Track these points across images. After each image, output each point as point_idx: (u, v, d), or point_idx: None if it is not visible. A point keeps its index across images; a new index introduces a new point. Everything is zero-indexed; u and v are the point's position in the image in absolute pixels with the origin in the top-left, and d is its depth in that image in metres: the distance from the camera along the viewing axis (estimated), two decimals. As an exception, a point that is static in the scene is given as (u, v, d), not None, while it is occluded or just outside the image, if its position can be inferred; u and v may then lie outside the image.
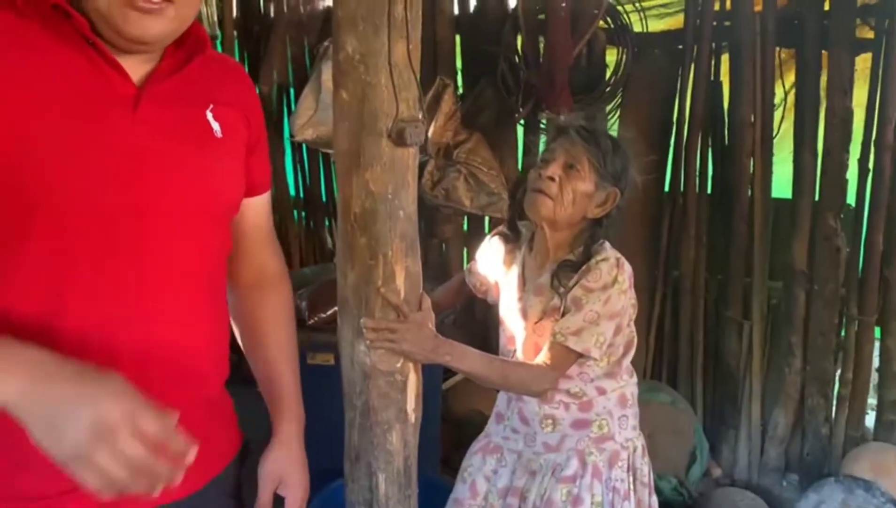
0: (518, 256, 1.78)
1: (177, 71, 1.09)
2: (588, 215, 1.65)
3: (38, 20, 0.98)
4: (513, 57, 2.85)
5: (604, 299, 1.60)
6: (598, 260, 1.61)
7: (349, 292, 1.48)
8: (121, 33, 0.99)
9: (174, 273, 1.10)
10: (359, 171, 1.41)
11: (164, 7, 0.99)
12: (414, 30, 1.38)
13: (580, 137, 1.62)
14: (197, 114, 1.13)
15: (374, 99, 1.37)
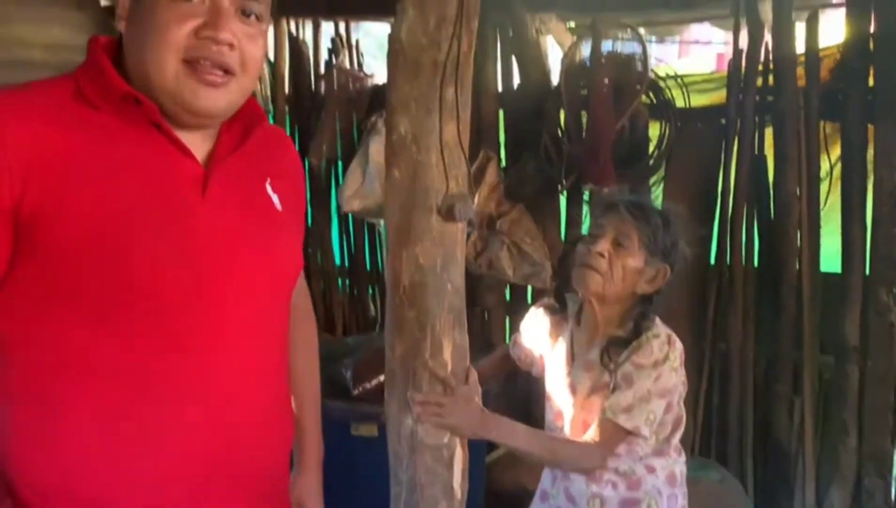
0: (565, 329, 1.78)
1: (237, 147, 1.13)
2: (638, 291, 1.65)
3: (110, 110, 1.02)
4: (555, 131, 2.90)
5: (655, 376, 1.58)
6: (649, 336, 1.61)
7: (397, 365, 1.50)
8: (190, 108, 1.03)
9: (250, 347, 1.12)
10: (409, 245, 1.44)
11: (228, 80, 1.04)
12: (464, 110, 1.44)
13: (630, 213, 1.63)
14: (258, 188, 1.17)
15: (424, 177, 1.42)
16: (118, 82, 1.02)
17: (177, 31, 1.00)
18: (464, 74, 1.41)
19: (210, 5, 1.01)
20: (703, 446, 3.00)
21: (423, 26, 1.38)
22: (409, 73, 1.40)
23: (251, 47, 1.06)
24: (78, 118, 1.01)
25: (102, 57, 1.04)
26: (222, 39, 1.01)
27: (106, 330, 0.99)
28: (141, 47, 1.02)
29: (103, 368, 1.00)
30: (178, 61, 1.01)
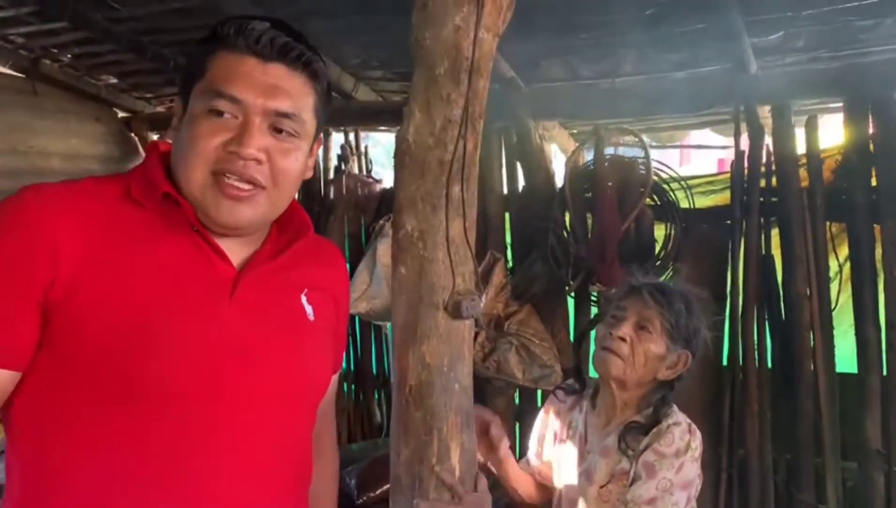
0: (580, 411, 1.72)
1: (277, 255, 1.13)
2: (658, 377, 1.62)
3: (153, 209, 1.04)
4: (561, 232, 2.92)
5: (677, 467, 1.53)
6: (669, 424, 1.57)
7: (402, 471, 1.44)
8: (214, 219, 1.05)
9: (266, 455, 1.09)
10: (415, 343, 1.42)
11: (255, 193, 1.05)
12: (470, 208, 1.44)
13: (653, 297, 1.61)
14: (292, 297, 1.16)
15: (431, 273, 1.41)
16: (160, 182, 1.05)
17: (206, 143, 1.02)
18: (469, 173, 1.43)
19: (241, 122, 1.03)
20: (725, 559, 2.85)
21: (429, 127, 1.41)
22: (415, 171, 1.42)
23: (283, 162, 1.06)
24: (121, 216, 1.03)
25: (153, 158, 1.09)
26: (247, 155, 1.03)
27: (118, 423, 0.98)
28: (178, 157, 1.06)
29: (112, 459, 0.98)
30: (207, 173, 1.03)
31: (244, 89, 1.03)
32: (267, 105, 1.04)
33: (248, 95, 1.03)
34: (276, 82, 1.05)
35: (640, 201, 2.81)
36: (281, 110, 1.05)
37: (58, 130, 3.95)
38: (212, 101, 1.03)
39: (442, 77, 1.40)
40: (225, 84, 1.03)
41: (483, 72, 1.42)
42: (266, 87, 1.04)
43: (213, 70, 1.04)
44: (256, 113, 1.03)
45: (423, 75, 1.42)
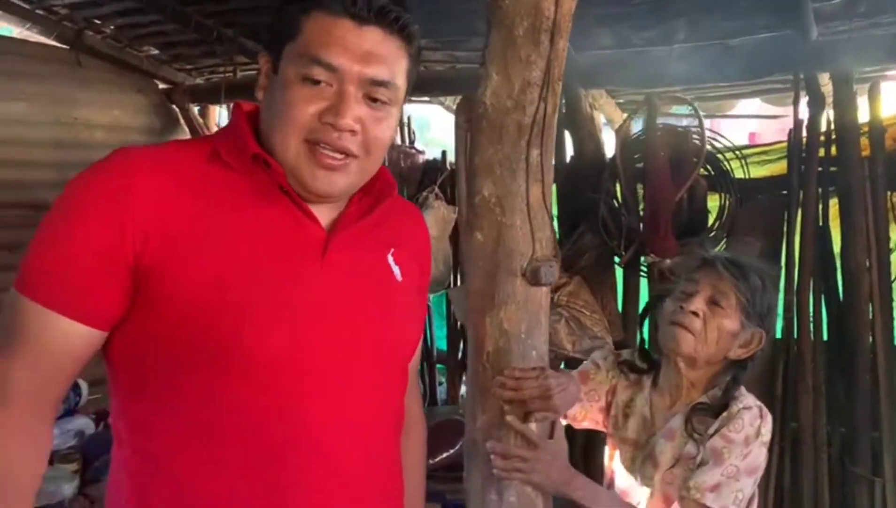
0: (641, 391, 1.66)
1: (364, 216, 1.11)
2: (730, 356, 1.56)
3: (242, 170, 1.04)
4: (612, 202, 2.88)
5: (745, 453, 1.49)
6: (739, 408, 1.51)
7: (479, 436, 1.43)
8: (308, 189, 1.04)
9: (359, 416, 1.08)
10: (492, 310, 1.41)
11: (348, 162, 1.04)
12: (548, 173, 1.42)
13: (728, 270, 1.54)
14: (379, 258, 1.15)
15: (509, 239, 1.39)
16: (251, 143, 1.04)
17: (302, 112, 1.00)
18: (548, 136, 1.40)
19: (336, 90, 1.01)
20: (776, 532, 2.83)
21: (507, 90, 1.38)
22: (493, 135, 1.40)
23: (376, 130, 1.05)
24: (209, 178, 1.03)
25: (241, 119, 1.07)
26: (343, 126, 1.01)
27: (212, 386, 0.98)
28: (270, 121, 1.04)
29: (211, 422, 0.99)
30: (301, 141, 1.02)
31: (340, 55, 1.00)
32: (363, 72, 1.01)
33: (344, 62, 1.00)
34: (372, 47, 1.02)
35: (693, 171, 2.76)
36: (377, 78, 1.02)
37: (101, 101, 3.97)
38: (307, 67, 1.00)
39: (521, 38, 1.37)
40: (320, 49, 1.00)
41: (563, 32, 1.39)
42: (362, 53, 1.01)
43: (307, 32, 1.01)
44: (352, 81, 1.01)
45: (500, 36, 1.39)
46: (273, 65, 1.05)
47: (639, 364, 1.69)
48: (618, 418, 1.67)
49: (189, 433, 0.99)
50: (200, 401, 0.99)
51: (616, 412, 1.67)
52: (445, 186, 3.50)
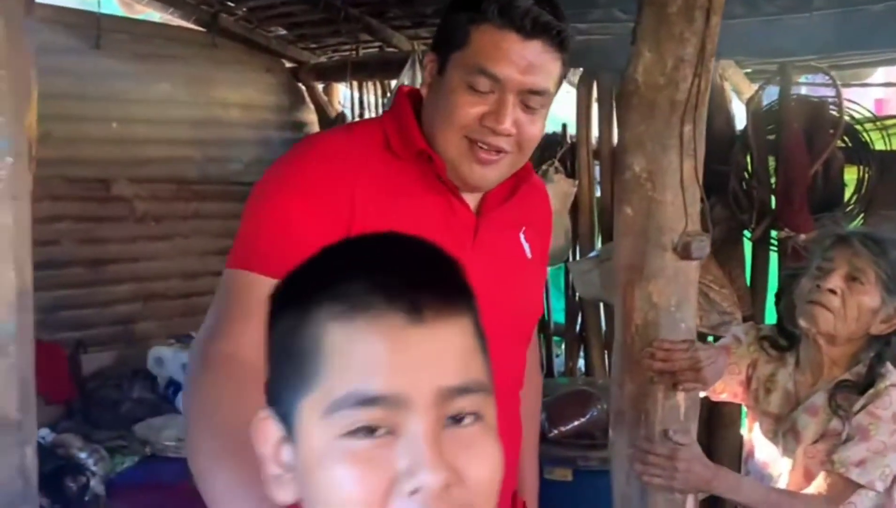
0: (783, 367, 1.67)
1: (505, 200, 1.21)
2: (872, 332, 1.55)
3: (408, 159, 1.15)
4: (743, 176, 2.83)
5: (893, 430, 1.49)
6: (887, 385, 1.51)
7: (626, 405, 1.49)
8: (464, 180, 1.14)
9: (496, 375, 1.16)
10: (641, 283, 1.44)
11: (502, 158, 1.12)
12: (700, 149, 1.44)
13: (865, 246, 1.53)
14: (514, 237, 1.25)
15: (659, 215, 1.42)
16: (418, 140, 1.14)
17: (465, 115, 1.09)
18: (700, 112, 1.42)
19: (497, 98, 1.09)
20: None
21: (660, 67, 1.41)
22: (644, 112, 1.43)
23: (530, 131, 1.13)
24: (385, 166, 1.14)
25: (407, 111, 1.17)
26: (502, 131, 1.09)
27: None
28: (434, 117, 1.14)
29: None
30: (461, 138, 1.11)
31: (505, 68, 1.08)
32: (523, 83, 1.09)
33: (508, 74, 1.08)
34: (534, 60, 1.09)
35: (830, 142, 2.68)
36: (535, 88, 1.10)
37: (235, 80, 4.18)
38: (473, 77, 1.08)
39: (675, 15, 1.39)
40: (488, 62, 1.08)
41: (717, 8, 1.40)
42: (524, 65, 1.08)
43: (475, 43, 1.09)
44: (512, 91, 1.09)
45: (652, 14, 1.41)
46: (439, 66, 1.14)
47: (780, 341, 1.69)
48: (759, 391, 1.68)
49: None
50: None
51: (757, 386, 1.68)
52: (565, 160, 3.51)
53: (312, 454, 0.57)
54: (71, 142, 3.34)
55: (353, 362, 0.56)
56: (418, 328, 0.56)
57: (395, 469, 0.55)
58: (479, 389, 0.59)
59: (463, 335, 0.60)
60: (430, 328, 0.56)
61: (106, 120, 3.62)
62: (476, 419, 0.58)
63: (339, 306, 0.57)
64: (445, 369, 0.57)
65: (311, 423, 0.57)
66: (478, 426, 0.58)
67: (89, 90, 3.53)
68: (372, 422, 0.55)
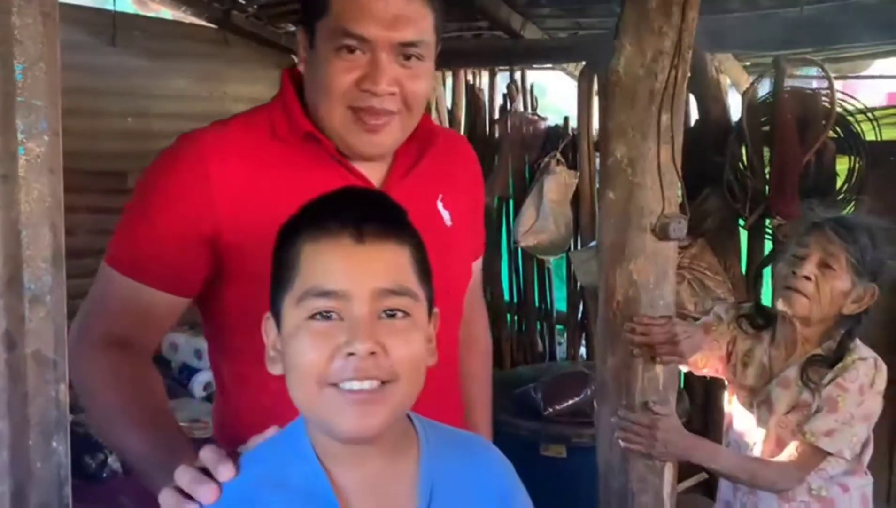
0: (760, 343, 1.76)
1: (412, 168, 1.20)
2: (844, 312, 1.64)
3: (296, 143, 1.13)
4: (738, 166, 2.91)
5: (860, 401, 1.57)
6: (854, 359, 1.59)
7: (609, 377, 1.58)
8: (356, 152, 1.13)
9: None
10: (623, 262, 1.54)
11: (390, 120, 1.11)
12: (677, 136, 1.53)
13: (836, 233, 1.61)
14: (429, 207, 1.22)
15: (640, 198, 1.52)
16: (302, 121, 1.13)
17: (341, 82, 1.07)
18: (678, 102, 1.51)
19: (370, 58, 1.07)
20: (901, 495, 2.83)
21: (640, 59, 1.49)
22: (625, 102, 1.52)
23: (413, 86, 1.11)
24: (271, 154, 1.13)
25: (290, 94, 1.15)
26: (380, 92, 1.08)
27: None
28: (314, 93, 1.12)
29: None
30: (345, 109, 1.09)
31: (369, 26, 1.06)
32: (393, 37, 1.07)
33: (373, 31, 1.06)
34: (398, 11, 1.07)
35: (822, 133, 2.75)
36: (406, 41, 1.08)
37: (246, 76, 4.30)
38: (340, 40, 1.06)
39: (653, 11, 1.47)
40: (350, 23, 1.06)
41: (693, 4, 1.48)
42: (389, 19, 1.06)
43: (335, 6, 1.07)
44: (383, 48, 1.07)
45: (633, 10, 1.50)
46: (309, 40, 1.12)
47: (757, 320, 1.78)
48: (737, 366, 1.77)
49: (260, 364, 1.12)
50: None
51: (735, 361, 1.77)
52: (567, 152, 3.60)
53: (288, 332, 0.81)
54: (88, 136, 3.46)
55: (317, 268, 0.80)
56: (360, 246, 0.80)
57: (340, 340, 0.78)
58: (405, 293, 0.82)
59: (396, 255, 0.83)
60: (369, 247, 0.80)
61: (122, 115, 3.75)
62: (405, 315, 0.82)
63: (311, 232, 0.82)
64: (378, 275, 0.80)
65: (289, 310, 0.81)
66: (406, 321, 0.82)
67: (106, 86, 3.65)
68: (326, 309, 0.79)
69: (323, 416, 0.80)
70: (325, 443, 0.83)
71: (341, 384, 0.78)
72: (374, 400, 0.78)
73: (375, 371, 0.78)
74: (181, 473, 0.82)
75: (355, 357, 0.77)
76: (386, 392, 0.79)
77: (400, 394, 0.81)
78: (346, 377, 0.78)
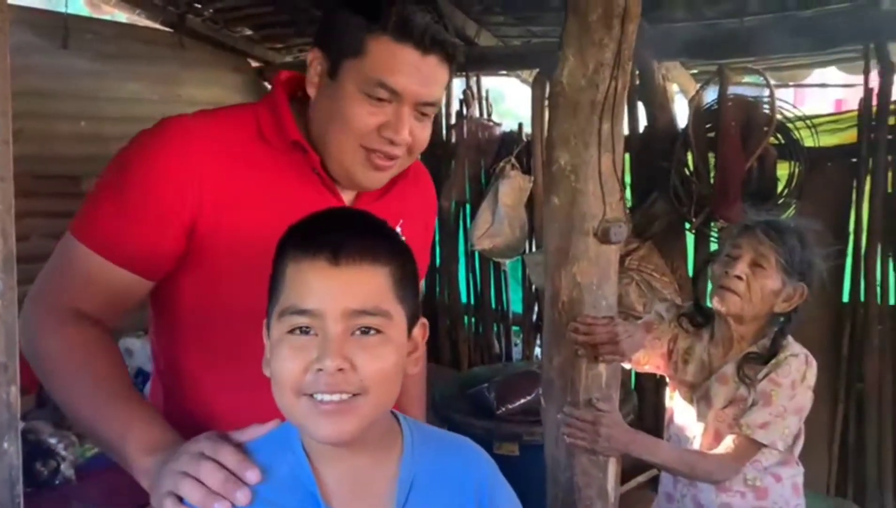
0: (699, 341, 1.83)
1: (382, 195, 1.26)
2: (775, 310, 1.72)
3: (281, 148, 1.17)
4: (684, 171, 3.01)
5: (792, 395, 1.65)
6: (787, 355, 1.67)
7: (555, 375, 1.63)
8: (357, 184, 1.19)
9: None
10: (567, 265, 1.59)
11: (395, 162, 1.18)
12: (618, 143, 1.59)
13: (767, 234, 1.68)
14: None
15: (582, 203, 1.57)
16: (291, 129, 1.16)
17: (364, 125, 1.13)
18: (618, 111, 1.57)
19: (395, 109, 1.13)
20: (839, 485, 2.94)
21: (582, 70, 1.55)
22: (568, 111, 1.57)
23: (422, 136, 1.19)
24: (255, 153, 1.16)
25: (282, 100, 1.19)
26: (399, 141, 1.15)
27: (246, 337, 1.03)
28: (327, 123, 1.15)
29: (240, 354, 1.09)
30: (358, 147, 1.15)
31: (404, 81, 1.11)
32: (420, 97, 1.14)
33: (406, 88, 1.12)
34: (430, 74, 1.13)
35: (763, 139, 2.86)
36: (430, 101, 1.16)
37: (202, 79, 4.30)
38: (372, 88, 1.11)
39: (595, 23, 1.53)
40: (388, 75, 1.11)
41: (633, 16, 1.54)
42: (422, 78, 1.13)
43: (373, 54, 1.11)
44: (409, 104, 1.13)
45: (576, 22, 1.55)
46: (329, 68, 1.14)
47: (697, 318, 1.86)
48: (678, 363, 1.84)
49: (214, 361, 1.17)
50: (224, 346, 1.15)
51: (676, 358, 1.84)
52: (521, 157, 3.67)
53: (273, 340, 0.89)
54: (41, 139, 3.43)
55: (296, 287, 0.87)
56: (335, 269, 0.86)
57: (313, 355, 0.85)
58: (378, 313, 0.87)
59: (371, 276, 0.88)
60: (344, 270, 0.86)
61: (75, 118, 3.72)
62: (378, 333, 0.87)
63: (294, 252, 0.89)
64: (351, 296, 0.86)
65: (274, 322, 0.89)
66: (379, 337, 0.87)
67: (58, 89, 3.62)
68: (303, 325, 0.86)
69: (300, 422, 0.88)
70: (311, 441, 0.90)
71: (314, 394, 0.85)
72: (344, 411, 0.85)
73: (344, 385, 0.84)
74: (208, 471, 0.88)
75: (324, 373, 0.84)
76: (355, 404, 0.85)
77: (369, 406, 0.87)
78: (318, 390, 0.84)
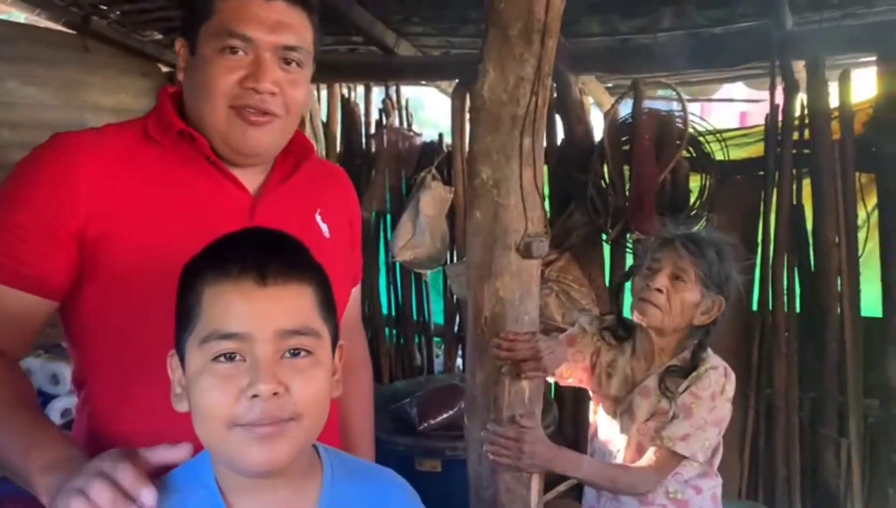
0: (622, 355, 1.84)
1: (287, 179, 1.23)
2: (694, 323, 1.75)
3: (170, 146, 1.15)
4: (600, 183, 3.06)
5: (711, 408, 1.68)
6: (707, 368, 1.70)
7: (478, 391, 1.62)
8: (238, 147, 1.15)
9: None
10: (490, 280, 1.58)
11: (271, 120, 1.15)
12: (539, 158, 1.59)
13: (686, 248, 1.71)
14: (307, 217, 1.26)
15: (504, 218, 1.57)
16: (175, 120, 1.14)
17: (224, 80, 1.12)
18: (539, 126, 1.57)
19: (254, 58, 1.12)
20: (750, 489, 3.04)
21: (503, 84, 1.55)
22: (490, 125, 1.56)
23: (293, 91, 1.16)
24: (142, 155, 1.14)
25: (166, 100, 1.18)
26: (263, 90, 1.12)
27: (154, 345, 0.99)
28: (196, 95, 1.15)
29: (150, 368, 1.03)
30: (227, 108, 1.13)
31: (254, 28, 1.11)
32: (276, 41, 1.13)
33: (258, 33, 1.12)
34: (280, 18, 1.14)
35: (676, 153, 2.94)
36: (288, 44, 1.14)
37: (108, 85, 4.10)
38: (225, 40, 1.11)
39: (515, 38, 1.53)
40: (236, 24, 1.11)
41: (553, 32, 1.55)
42: (272, 23, 1.13)
43: (221, 11, 1.12)
44: (266, 49, 1.12)
45: (496, 36, 1.55)
46: (190, 47, 1.16)
47: (619, 332, 1.87)
48: (601, 377, 1.85)
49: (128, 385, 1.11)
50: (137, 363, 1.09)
51: (600, 372, 1.85)
52: (442, 168, 3.66)
53: (192, 373, 0.83)
54: (-72, 146, 3.19)
55: (219, 311, 0.82)
56: (262, 289, 0.82)
57: (244, 382, 0.80)
58: (308, 333, 0.84)
59: (299, 295, 0.85)
60: (271, 289, 0.82)
61: (-33, 124, 3.48)
62: (308, 354, 0.84)
63: (213, 275, 0.83)
64: (281, 316, 0.82)
65: (192, 353, 0.83)
66: (309, 359, 0.84)
67: (-52, 92, 3.39)
68: (229, 350, 0.81)
69: (228, 453, 0.82)
70: (227, 474, 0.85)
71: (247, 424, 0.80)
72: (278, 435, 0.81)
73: (280, 412, 0.80)
74: (98, 489, 0.82)
75: (259, 399, 0.79)
76: (289, 429, 0.81)
77: (303, 430, 0.83)
78: (252, 419, 0.80)
